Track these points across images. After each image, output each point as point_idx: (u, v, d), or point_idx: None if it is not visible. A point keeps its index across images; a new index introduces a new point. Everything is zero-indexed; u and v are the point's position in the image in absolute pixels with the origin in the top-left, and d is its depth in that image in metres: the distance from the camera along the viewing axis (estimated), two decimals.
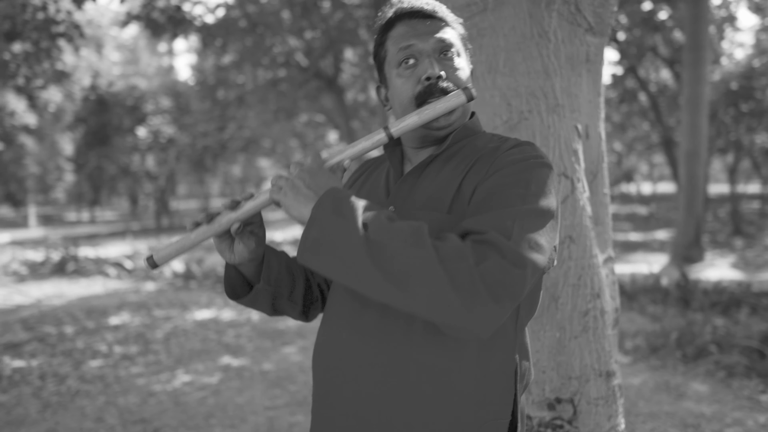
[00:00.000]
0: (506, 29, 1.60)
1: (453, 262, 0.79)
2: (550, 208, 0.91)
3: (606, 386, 1.60)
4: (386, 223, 0.84)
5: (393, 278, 0.80)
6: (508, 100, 1.61)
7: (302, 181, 0.93)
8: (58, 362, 5.13)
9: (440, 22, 1.06)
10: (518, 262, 0.81)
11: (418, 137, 1.08)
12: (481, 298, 0.78)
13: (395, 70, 1.07)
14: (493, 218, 0.87)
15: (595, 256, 1.63)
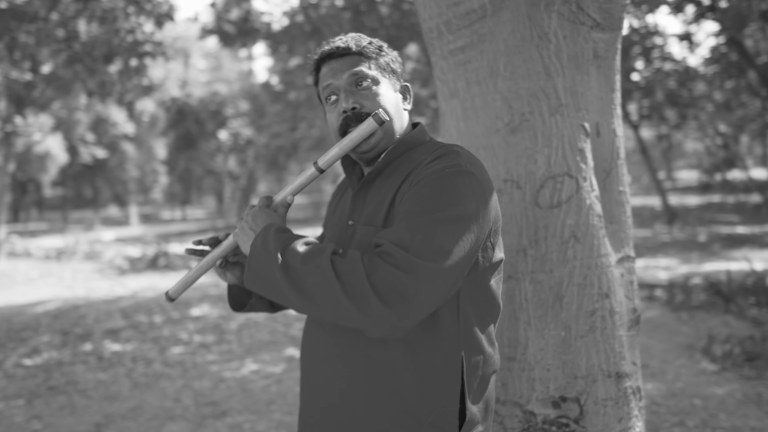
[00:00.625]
0: (505, 33, 1.63)
1: (347, 276, 0.92)
2: (462, 214, 0.99)
3: (616, 387, 1.59)
4: (297, 251, 0.98)
5: (305, 295, 0.95)
6: (509, 102, 1.64)
7: (247, 223, 1.10)
8: (147, 347, 5.65)
9: (355, 56, 1.17)
10: (408, 269, 0.92)
11: (359, 159, 1.20)
12: (372, 305, 0.90)
13: (325, 106, 1.20)
14: (395, 230, 0.98)
15: (604, 256, 1.62)
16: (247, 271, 1.03)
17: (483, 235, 1.03)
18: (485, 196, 1.05)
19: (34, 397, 4.22)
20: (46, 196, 39.75)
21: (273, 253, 0.99)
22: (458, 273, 0.98)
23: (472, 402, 1.08)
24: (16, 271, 12.64)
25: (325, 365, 1.11)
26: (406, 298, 0.91)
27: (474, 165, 1.08)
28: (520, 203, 1.63)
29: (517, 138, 1.64)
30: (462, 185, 1.02)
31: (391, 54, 1.24)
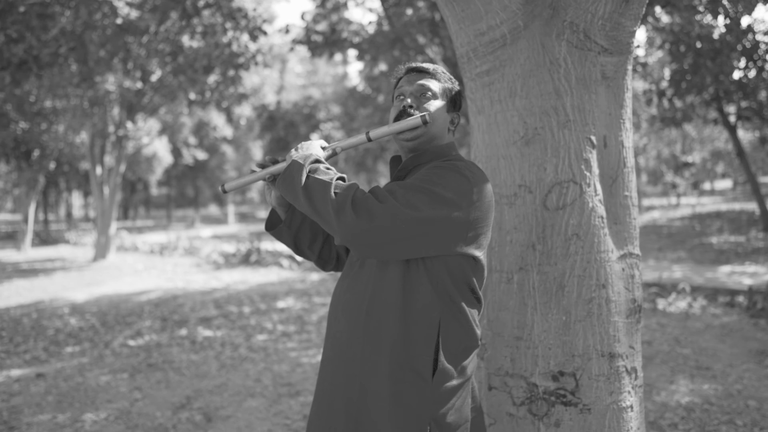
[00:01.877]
0: (522, 59, 1.90)
1: (341, 191, 1.29)
2: (442, 195, 1.31)
3: (609, 366, 1.81)
4: (320, 169, 1.36)
5: (309, 198, 1.32)
6: (524, 118, 1.91)
7: (302, 147, 1.49)
8: (235, 334, 6.28)
9: (428, 75, 1.54)
10: (383, 199, 1.27)
11: (401, 147, 1.55)
12: (346, 213, 1.26)
13: (394, 102, 1.57)
14: (389, 184, 1.34)
15: (603, 252, 1.85)
16: (282, 174, 1.39)
17: (456, 222, 1.31)
18: (469, 197, 1.33)
19: (135, 372, 4.91)
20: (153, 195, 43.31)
21: (304, 166, 1.35)
22: (418, 230, 1.28)
23: (447, 360, 1.36)
24: (125, 264, 14.11)
25: (342, 317, 1.44)
26: (371, 218, 1.24)
27: (471, 171, 1.38)
28: (531, 205, 1.90)
29: (530, 149, 1.90)
30: (453, 179, 1.34)
31: (456, 87, 1.58)
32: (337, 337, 1.44)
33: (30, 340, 6.20)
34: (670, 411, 3.66)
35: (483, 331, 1.99)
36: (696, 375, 4.33)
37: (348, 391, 1.38)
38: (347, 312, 1.43)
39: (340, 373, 1.40)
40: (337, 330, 1.45)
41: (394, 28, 8.61)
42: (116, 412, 3.95)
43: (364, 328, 1.38)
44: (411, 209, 1.27)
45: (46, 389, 4.49)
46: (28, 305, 8.47)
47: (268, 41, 14.20)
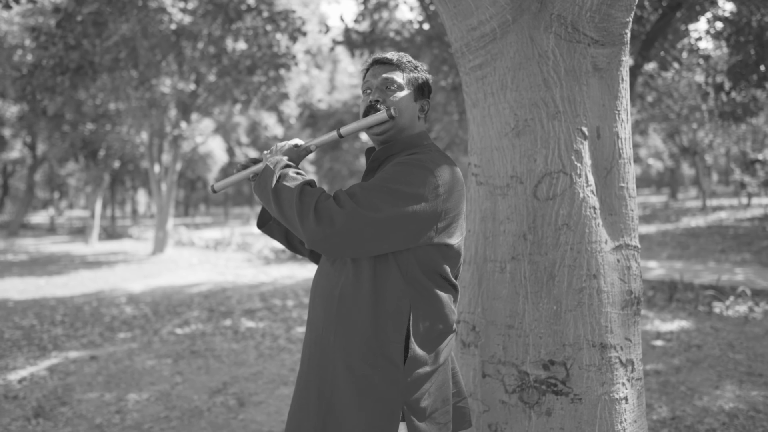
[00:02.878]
0: (512, 52, 1.93)
1: (305, 198, 1.36)
2: (405, 191, 1.35)
3: (600, 356, 1.82)
4: (288, 176, 1.43)
5: (278, 205, 1.39)
6: (514, 110, 1.94)
7: (276, 149, 1.58)
8: (276, 326, 6.51)
9: (393, 66, 1.58)
10: (343, 204, 1.33)
11: (373, 141, 1.61)
12: (308, 221, 1.32)
13: (362, 96, 1.62)
14: (353, 186, 1.39)
15: (595, 242, 1.85)
16: (257, 179, 1.48)
17: (422, 217, 1.36)
18: (433, 190, 1.38)
19: (179, 358, 5.19)
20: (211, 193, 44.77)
21: (275, 173, 1.43)
22: (382, 229, 1.33)
23: (420, 347, 1.41)
24: (181, 258, 14.76)
25: (317, 303, 1.52)
26: (333, 224, 1.30)
27: (434, 162, 1.42)
28: (523, 196, 1.92)
29: (521, 140, 1.93)
30: (414, 175, 1.38)
31: (422, 75, 1.61)
32: (314, 322, 1.51)
33: (88, 326, 6.65)
34: (710, 416, 3.55)
35: (477, 319, 2.03)
36: (745, 381, 4.16)
37: (322, 375, 1.44)
38: (322, 298, 1.49)
39: (315, 357, 1.47)
40: (314, 315, 1.52)
41: (433, 27, 8.63)
42: (157, 394, 4.20)
43: (336, 313, 1.43)
44: (372, 210, 1.31)
45: (97, 370, 4.82)
46: (90, 294, 9.05)
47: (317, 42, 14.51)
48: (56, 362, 5.12)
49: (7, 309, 7.85)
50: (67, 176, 31.84)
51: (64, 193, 37.60)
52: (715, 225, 17.13)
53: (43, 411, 3.87)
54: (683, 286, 7.83)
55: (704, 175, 25.29)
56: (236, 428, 3.59)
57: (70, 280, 10.94)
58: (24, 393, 4.27)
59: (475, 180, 2.11)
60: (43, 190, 35.52)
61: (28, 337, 6.13)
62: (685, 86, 16.83)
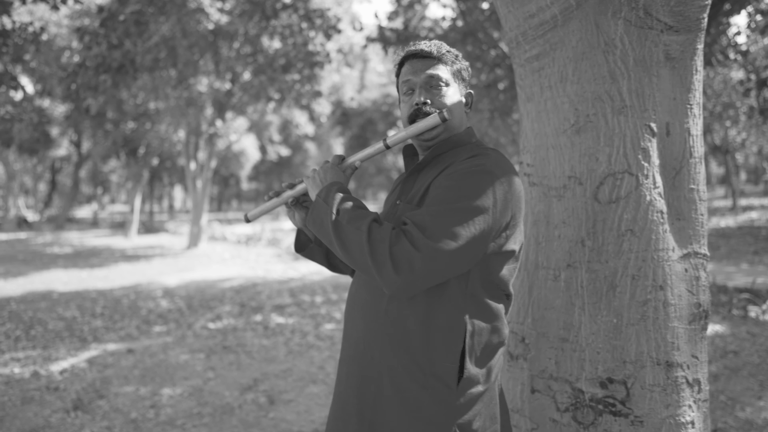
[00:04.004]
0: (574, 41, 1.77)
1: (376, 243, 1.19)
2: (475, 206, 1.21)
3: (665, 375, 1.65)
4: (348, 211, 1.26)
5: (344, 248, 1.24)
6: (575, 105, 1.78)
7: (319, 175, 1.42)
8: (305, 322, 6.45)
9: (434, 60, 1.42)
10: (420, 247, 1.16)
11: (419, 146, 1.47)
12: (387, 269, 1.17)
13: (401, 96, 1.47)
14: (420, 214, 1.22)
15: (662, 250, 1.69)
16: (309, 215, 1.33)
17: (495, 227, 1.24)
18: (502, 196, 1.25)
19: (211, 353, 5.18)
20: (244, 189, 45.58)
21: (330, 207, 1.26)
22: (464, 256, 1.20)
23: (474, 364, 1.28)
24: (214, 253, 14.93)
25: (357, 316, 1.39)
26: (413, 270, 1.15)
27: (498, 167, 1.28)
28: (581, 198, 1.77)
29: (581, 138, 1.78)
30: (482, 182, 1.23)
31: (463, 63, 1.46)
32: (353, 338, 1.39)
33: (126, 319, 6.73)
34: (755, 429, 3.32)
35: (527, 330, 1.89)
36: None
37: (363, 394, 1.32)
38: (364, 312, 1.36)
39: (355, 374, 1.35)
40: (353, 330, 1.40)
41: (467, 23, 8.43)
42: (190, 389, 4.18)
43: (382, 329, 1.31)
44: (448, 240, 1.17)
45: (134, 363, 4.84)
46: (128, 287, 9.19)
47: (349, 41, 14.46)
48: (95, 354, 5.17)
49: (52, 300, 8.02)
50: (109, 173, 32.73)
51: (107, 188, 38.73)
52: (746, 225, 16.39)
53: (81, 404, 3.88)
54: (716, 289, 7.46)
55: (734, 174, 24.18)
56: (266, 427, 3.52)
57: (110, 272, 11.16)
58: (65, 385, 4.31)
59: (527, 180, 1.96)
60: (87, 185, 36.67)
61: (70, 329, 6.23)
62: (720, 83, 16.13)
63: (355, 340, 1.38)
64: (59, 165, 31.77)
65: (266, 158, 30.28)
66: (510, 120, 9.49)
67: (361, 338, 1.36)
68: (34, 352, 5.26)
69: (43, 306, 7.55)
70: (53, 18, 13.44)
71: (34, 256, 14.26)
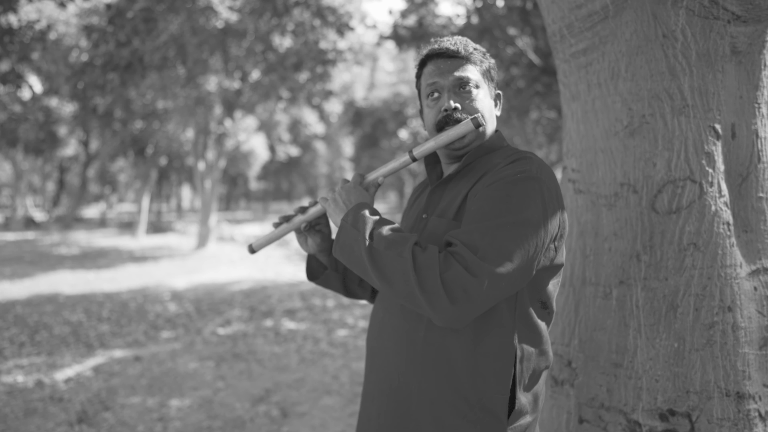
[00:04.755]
0: (628, 34, 1.60)
1: (424, 270, 1.03)
2: (528, 218, 1.06)
3: (735, 408, 1.47)
4: (384, 236, 1.10)
5: (384, 278, 1.07)
6: (629, 104, 1.61)
7: (341, 196, 1.25)
8: (317, 328, 6.29)
9: (461, 60, 1.25)
10: (475, 271, 1.00)
11: (446, 155, 1.30)
12: (441, 300, 1.01)
13: (425, 101, 1.30)
14: (467, 232, 1.06)
15: (730, 266, 1.51)
16: (336, 243, 1.17)
17: (547, 238, 1.09)
18: (552, 203, 1.11)
19: (221, 361, 5.02)
20: (252, 189, 45.53)
21: (362, 233, 1.11)
22: (521, 275, 1.05)
23: (524, 391, 1.13)
24: (222, 254, 14.81)
25: (389, 346, 1.22)
26: (470, 298, 1.00)
27: (543, 172, 1.14)
28: (636, 208, 1.59)
29: (636, 141, 1.60)
30: (530, 190, 1.09)
31: (491, 61, 1.32)
32: (384, 370, 1.22)
33: (133, 323, 6.59)
34: None
35: (573, 353, 1.71)
36: None
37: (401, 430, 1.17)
38: (398, 340, 1.20)
39: (390, 412, 1.19)
40: (384, 361, 1.23)
41: (483, 20, 8.24)
42: (199, 400, 4.02)
43: (422, 358, 1.15)
44: (506, 260, 1.03)
45: (141, 372, 4.70)
46: (135, 290, 9.07)
47: (359, 40, 14.32)
48: (101, 362, 5.03)
49: (58, 303, 7.91)
50: (118, 172, 32.79)
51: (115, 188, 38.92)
52: None
53: (86, 416, 3.74)
54: None
55: None
56: None
57: (117, 274, 11.05)
58: (69, 395, 4.17)
59: (572, 187, 1.78)
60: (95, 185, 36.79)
61: (76, 334, 6.10)
62: None
63: (386, 374, 1.21)
64: (68, 164, 31.82)
65: (275, 158, 30.19)
66: (526, 119, 9.29)
67: (394, 371, 1.19)
68: (39, 358, 5.13)
69: (49, 309, 7.44)
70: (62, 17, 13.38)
71: (41, 256, 14.20)
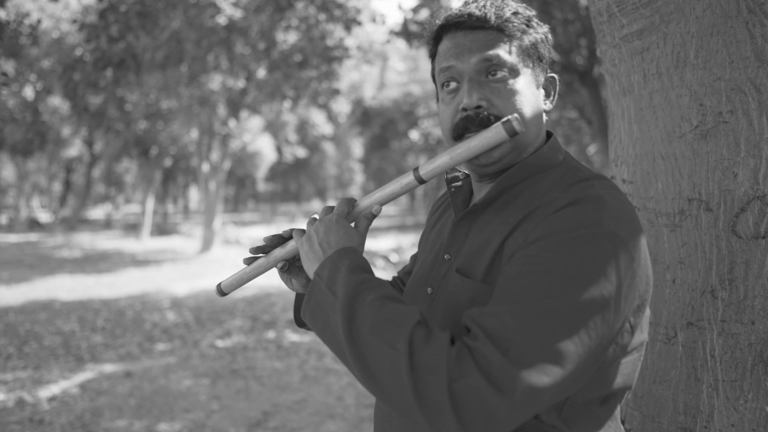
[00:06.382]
0: (699, 10, 1.26)
1: (424, 373, 0.68)
2: (591, 300, 0.70)
3: None
4: (370, 311, 0.76)
5: (367, 373, 0.74)
6: (700, 99, 1.27)
7: (317, 234, 0.90)
8: (321, 341, 5.97)
9: (491, 32, 0.88)
10: (504, 387, 0.66)
11: (472, 170, 0.95)
12: (445, 419, 0.67)
13: (440, 92, 0.94)
14: (497, 316, 0.71)
15: None
16: (306, 304, 0.85)
17: (619, 323, 0.75)
18: (632, 269, 0.76)
19: (217, 378, 4.71)
20: (260, 190, 45.41)
21: (339, 301, 0.78)
22: (572, 384, 0.71)
23: None
24: (227, 258, 14.54)
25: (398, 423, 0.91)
26: (491, 423, 0.66)
27: (621, 220, 0.78)
28: (710, 230, 1.25)
29: (710, 145, 1.26)
30: (602, 256, 0.73)
31: (541, 31, 0.93)
32: None
33: (128, 334, 6.31)
34: None
35: (628, 410, 1.38)
36: None
37: None
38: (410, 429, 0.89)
39: None
40: None
41: None
42: (191, 425, 3.72)
43: None
44: (551, 364, 0.68)
45: (130, 390, 4.40)
46: (134, 297, 8.80)
47: (368, 38, 14.01)
48: (90, 377, 4.74)
49: (53, 311, 7.65)
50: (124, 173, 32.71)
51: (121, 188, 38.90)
52: None
53: None
54: None
55: None
56: None
57: (117, 279, 10.81)
58: (51, 416, 3.87)
59: None
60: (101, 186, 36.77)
61: (67, 345, 5.82)
62: None
63: None
64: (74, 165, 31.75)
65: (282, 159, 29.97)
66: None
67: None
68: (25, 373, 4.85)
69: (43, 318, 7.17)
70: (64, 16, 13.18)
71: (42, 260, 13.99)
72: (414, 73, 31.49)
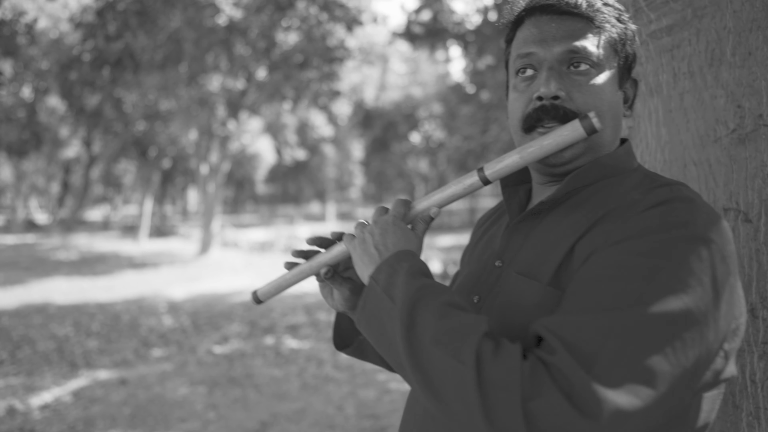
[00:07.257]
0: (737, 4, 1.16)
1: (494, 390, 0.59)
2: (687, 310, 0.61)
3: None
4: (432, 319, 0.67)
5: (429, 386, 0.65)
6: (738, 100, 1.17)
7: (372, 236, 0.82)
8: (322, 348, 5.86)
9: (580, 21, 0.80)
10: (588, 409, 0.56)
11: (537, 170, 0.86)
12: None
13: (512, 80, 0.86)
14: (577, 326, 0.62)
15: None
16: (361, 311, 0.76)
17: (717, 342, 0.65)
18: (729, 283, 0.66)
19: (214, 386, 4.60)
20: (259, 192, 45.31)
21: (398, 307, 0.70)
22: (664, 408, 0.60)
23: None
24: (225, 261, 14.44)
25: None
26: None
27: (717, 226, 0.69)
28: (749, 243, 1.15)
29: (749, 150, 1.16)
30: (698, 262, 0.64)
31: (631, 27, 0.86)
32: None
33: (123, 339, 6.20)
34: None
35: None
36: None
37: None
38: None
39: None
40: None
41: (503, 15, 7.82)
42: None
43: None
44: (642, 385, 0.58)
45: (125, 398, 4.29)
46: (131, 300, 8.69)
47: (369, 39, 13.93)
48: (84, 384, 4.63)
49: (47, 315, 7.54)
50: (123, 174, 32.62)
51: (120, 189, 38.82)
52: None
53: None
54: None
55: None
56: None
57: (114, 282, 10.69)
58: (41, 426, 3.76)
59: None
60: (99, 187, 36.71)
61: (61, 351, 5.71)
62: None
63: None
64: (72, 165, 31.63)
65: (282, 161, 29.87)
66: None
67: None
68: (17, 379, 4.73)
69: (37, 322, 7.05)
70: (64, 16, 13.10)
71: (38, 262, 13.88)
72: (415, 75, 31.44)
